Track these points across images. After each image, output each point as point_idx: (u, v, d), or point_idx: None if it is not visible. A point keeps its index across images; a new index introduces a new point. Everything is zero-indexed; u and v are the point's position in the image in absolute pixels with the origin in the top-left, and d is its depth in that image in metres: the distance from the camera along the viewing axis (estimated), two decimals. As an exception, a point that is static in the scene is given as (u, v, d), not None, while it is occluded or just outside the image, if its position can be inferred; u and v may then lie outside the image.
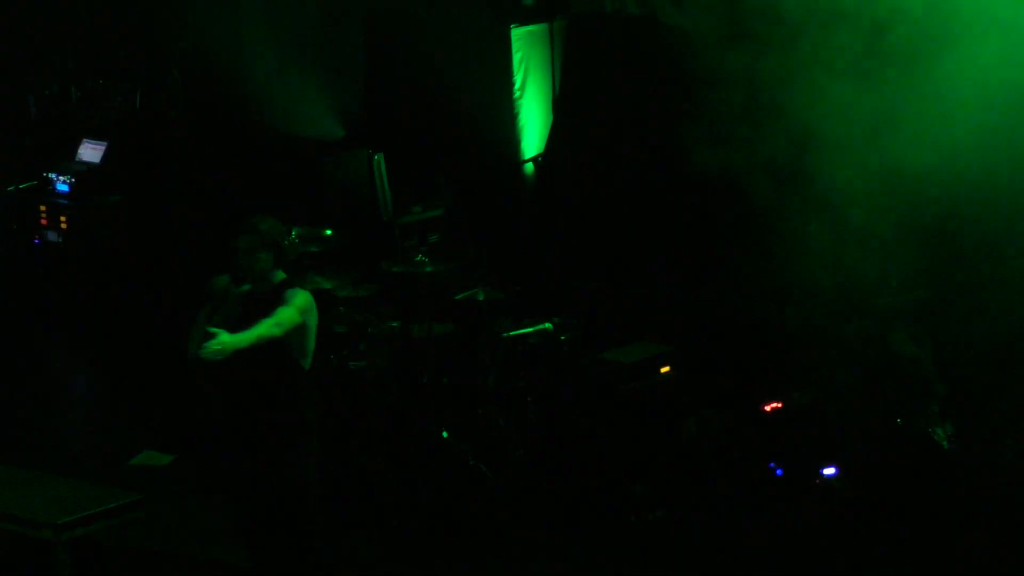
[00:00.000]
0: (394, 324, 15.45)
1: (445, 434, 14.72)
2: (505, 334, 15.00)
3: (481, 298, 15.13)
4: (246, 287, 12.01)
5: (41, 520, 12.95)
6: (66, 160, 18.84)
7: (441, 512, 14.29)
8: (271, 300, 11.72)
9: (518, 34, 17.91)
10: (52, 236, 18.31)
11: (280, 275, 12.01)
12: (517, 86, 17.94)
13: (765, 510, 13.69)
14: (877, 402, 14.49)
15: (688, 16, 16.16)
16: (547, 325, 15.17)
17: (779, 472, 13.87)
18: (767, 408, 14.28)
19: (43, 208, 18.63)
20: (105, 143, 18.85)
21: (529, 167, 18.13)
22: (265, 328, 11.50)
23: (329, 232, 16.36)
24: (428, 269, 15.31)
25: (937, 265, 14.97)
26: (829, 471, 13.75)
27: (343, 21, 19.34)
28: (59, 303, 18.49)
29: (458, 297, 15.31)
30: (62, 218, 18.55)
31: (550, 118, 17.97)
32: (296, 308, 11.68)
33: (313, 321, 11.96)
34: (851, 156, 14.72)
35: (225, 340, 11.26)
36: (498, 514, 14.18)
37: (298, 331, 11.78)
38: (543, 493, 14.32)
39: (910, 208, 14.65)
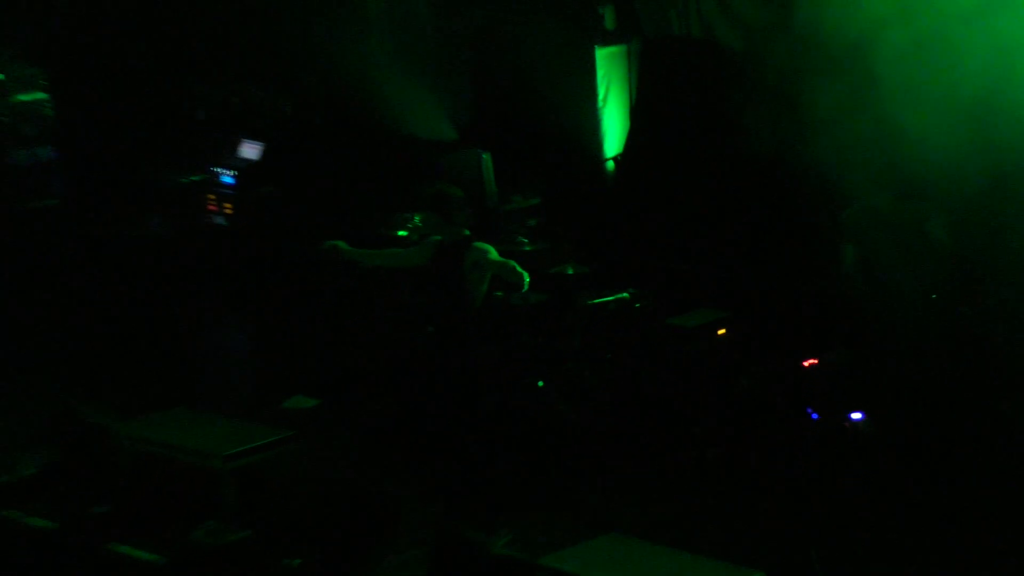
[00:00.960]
0: (498, 294, 15.52)
1: (540, 383, 15.53)
2: (589, 302, 15.81)
3: (570, 272, 16.16)
4: (437, 237, 14.11)
5: (211, 452, 13.98)
6: (230, 157, 19.39)
7: (535, 445, 15.34)
8: (460, 248, 13.81)
9: (602, 54, 18.24)
10: (218, 220, 19.02)
11: (466, 231, 13.94)
12: (601, 97, 18.22)
13: (803, 448, 14.71)
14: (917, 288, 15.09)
15: (741, 40, 16.75)
16: (624, 295, 15.96)
17: (815, 416, 14.83)
18: (805, 364, 14.98)
19: (211, 197, 19.21)
20: (262, 143, 19.53)
21: (610, 164, 18.43)
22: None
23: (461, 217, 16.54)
24: (527, 248, 16.50)
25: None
26: (856, 416, 14.68)
27: (455, 41, 19.41)
28: (224, 275, 19.07)
29: (551, 272, 16.13)
30: (227, 205, 19.28)
31: (627, 124, 18.30)
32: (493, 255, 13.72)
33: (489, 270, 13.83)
34: (873, 153, 15.05)
35: None
36: (579, 449, 15.22)
37: (480, 273, 13.71)
38: (619, 433, 15.34)
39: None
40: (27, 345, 18.31)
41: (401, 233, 16.76)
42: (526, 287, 13.94)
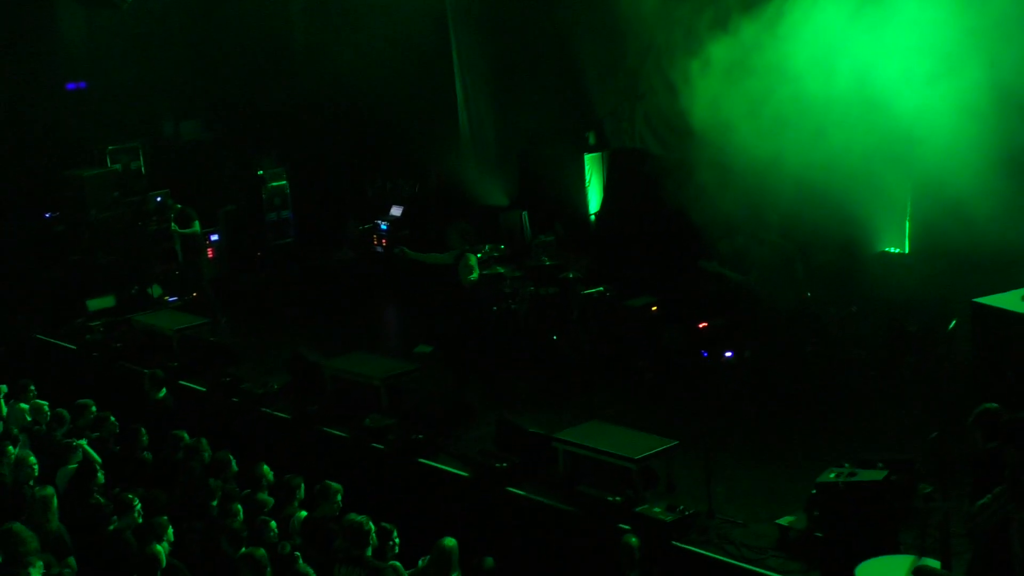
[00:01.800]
0: (531, 288, 15.78)
1: (555, 337, 15.32)
2: (582, 292, 15.49)
3: (571, 276, 15.71)
4: (456, 250, 14.43)
5: (374, 375, 14.17)
6: (385, 215, 18.89)
7: (548, 370, 15.03)
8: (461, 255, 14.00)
9: (588, 158, 17.73)
10: (379, 250, 18.53)
11: (466, 247, 14.29)
12: (587, 181, 17.74)
13: (698, 371, 14.51)
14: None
15: (661, 148, 16.51)
16: (601, 288, 15.53)
17: (704, 354, 14.59)
18: (700, 326, 14.75)
19: (375, 237, 18.78)
20: (403, 207, 19.05)
21: (593, 217, 18.00)
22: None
23: (503, 247, 16.74)
24: (547, 263, 16.05)
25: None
26: (728, 354, 14.38)
27: (508, 150, 19.02)
28: (382, 278, 18.37)
29: (559, 276, 15.79)
30: (383, 241, 18.70)
31: (602, 195, 17.86)
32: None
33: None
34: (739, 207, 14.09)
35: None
36: (574, 373, 14.84)
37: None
38: (596, 365, 14.95)
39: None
40: (276, 318, 18.16)
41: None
42: (475, 275, 14.10)
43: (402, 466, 12.96)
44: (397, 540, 9.66)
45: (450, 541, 9.39)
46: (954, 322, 11.60)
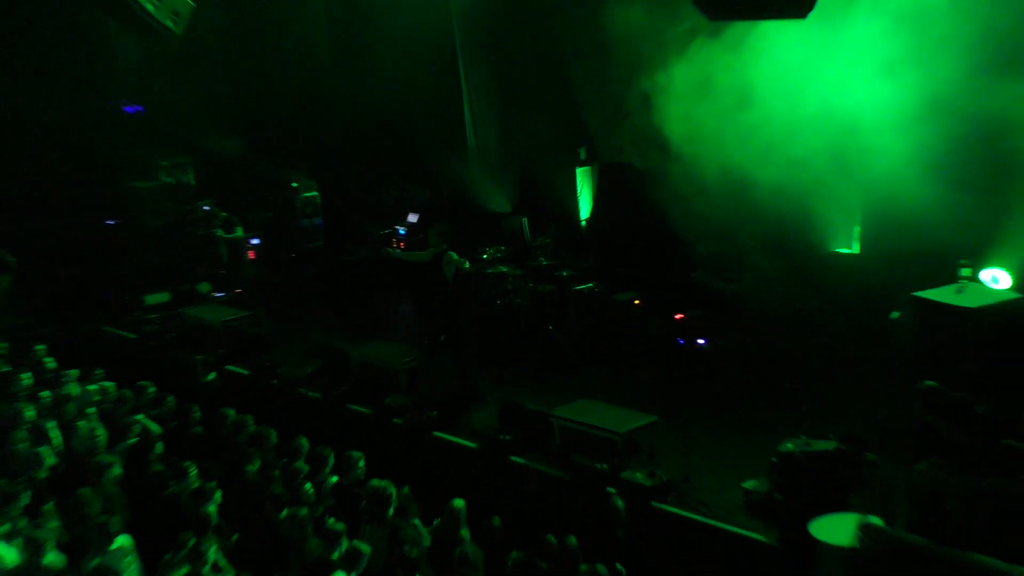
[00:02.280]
0: (530, 284, 15.66)
1: (552, 327, 15.23)
2: (574, 288, 15.44)
3: (565, 274, 15.68)
4: (435, 249, 14.06)
5: (392, 361, 14.22)
6: (402, 221, 18.77)
7: (545, 356, 15.07)
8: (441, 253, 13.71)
9: (580, 171, 17.71)
10: (397, 252, 16.96)
11: (444, 245, 13.87)
12: (579, 191, 17.65)
13: (675, 357, 14.46)
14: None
15: (641, 161, 15.88)
16: (591, 285, 15.53)
17: (680, 342, 14.47)
18: (677, 317, 14.58)
19: (394, 241, 18.22)
20: (419, 214, 18.90)
21: (583, 223, 17.80)
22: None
23: (505, 248, 16.72)
24: (544, 263, 16.01)
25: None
26: (701, 342, 14.34)
27: (511, 161, 18.64)
28: (400, 279, 17.77)
29: (555, 274, 15.72)
30: (401, 244, 18.28)
31: (591, 203, 17.74)
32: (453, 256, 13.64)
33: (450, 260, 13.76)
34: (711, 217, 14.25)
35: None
36: (568, 358, 14.95)
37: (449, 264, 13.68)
38: (586, 351, 15.06)
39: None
40: (307, 310, 18.13)
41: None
42: (458, 264, 13.93)
43: (418, 439, 13.05)
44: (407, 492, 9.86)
45: (459, 502, 9.52)
46: (897, 313, 11.73)
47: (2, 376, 13.52)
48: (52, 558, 8.98)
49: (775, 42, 12.95)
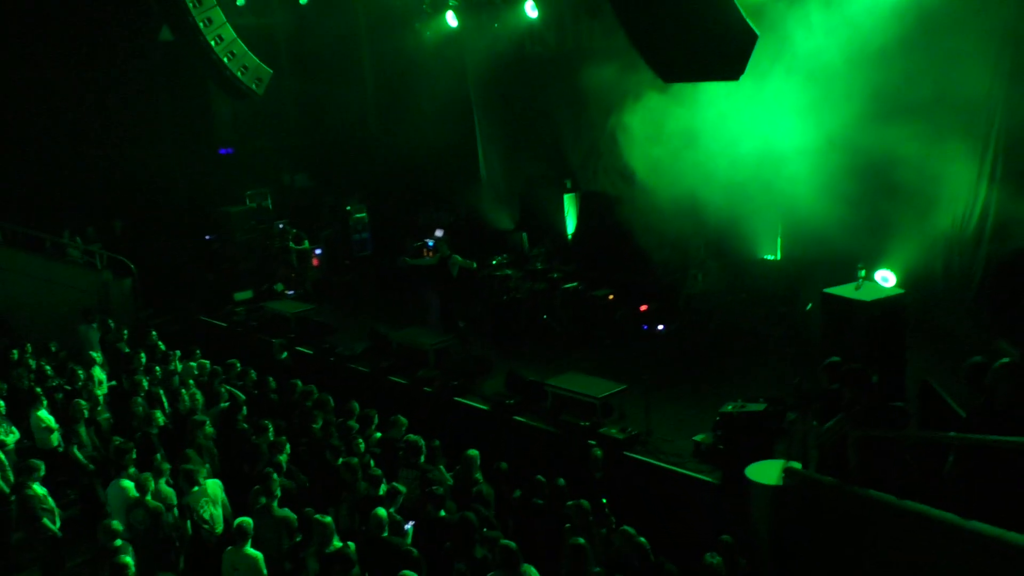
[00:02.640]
0: (528, 284, 15.40)
1: (545, 316, 15.02)
2: (563, 287, 15.10)
3: (556, 276, 15.36)
4: (441, 254, 14.21)
5: (424, 342, 14.01)
6: (431, 235, 18.34)
7: (541, 339, 14.77)
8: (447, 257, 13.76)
9: (566, 197, 17.09)
10: (429, 260, 16.00)
11: (447, 251, 13.99)
12: (566, 211, 17.22)
13: (643, 338, 14.29)
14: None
15: (615, 189, 16.12)
16: (576, 284, 15.15)
17: (644, 327, 14.40)
18: (642, 308, 14.59)
19: (426, 250, 17.65)
20: (444, 230, 18.56)
21: (570, 237, 17.28)
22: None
23: (507, 256, 16.63)
24: (539, 267, 15.83)
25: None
26: (661, 327, 14.26)
27: (513, 191, 18.60)
28: (430, 280, 16.11)
29: (548, 276, 15.44)
30: (431, 252, 17.18)
31: (576, 223, 17.35)
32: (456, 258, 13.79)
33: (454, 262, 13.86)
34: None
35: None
36: (558, 340, 14.68)
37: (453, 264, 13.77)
38: (573, 334, 14.72)
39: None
40: (358, 303, 17.87)
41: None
42: (464, 265, 14.14)
43: (443, 403, 12.94)
44: (437, 444, 9.76)
45: (473, 451, 9.47)
46: (810, 305, 11.59)
47: (125, 356, 13.64)
48: (166, 490, 9.18)
49: (715, 95, 12.95)
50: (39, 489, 9.46)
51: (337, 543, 7.77)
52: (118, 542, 8.16)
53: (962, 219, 11.81)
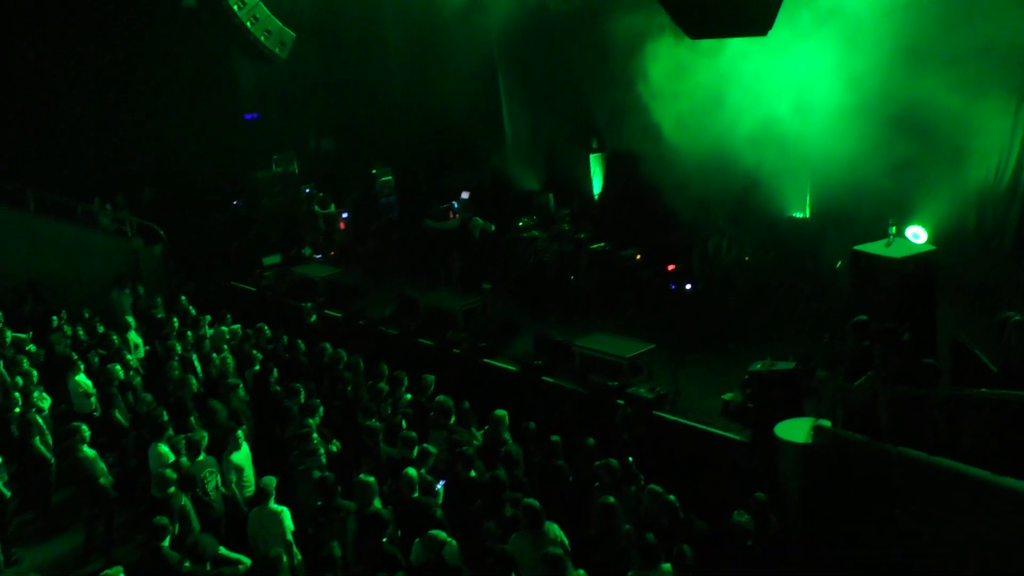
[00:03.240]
0: (555, 245, 15.18)
1: (572, 277, 14.81)
2: (590, 248, 14.98)
3: (582, 236, 15.24)
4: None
5: (453, 304, 13.90)
6: (457, 197, 18.04)
7: (568, 299, 14.54)
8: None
9: (592, 157, 17.11)
10: (453, 223, 17.11)
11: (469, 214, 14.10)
12: (592, 172, 17.05)
13: (667, 297, 14.02)
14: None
15: (640, 148, 15.83)
16: (603, 244, 15.07)
17: (672, 287, 14.19)
18: (670, 268, 14.34)
19: (451, 212, 17.47)
20: (469, 192, 18.34)
21: (596, 197, 17.20)
22: None
23: (536, 218, 16.45)
24: (566, 228, 15.60)
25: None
26: (688, 286, 13.96)
27: (538, 151, 18.30)
28: (455, 242, 16.52)
29: (575, 236, 15.27)
30: (455, 214, 17.43)
31: (603, 182, 17.16)
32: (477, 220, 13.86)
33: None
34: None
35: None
36: (584, 299, 14.48)
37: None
38: (598, 294, 14.53)
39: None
40: (385, 267, 17.67)
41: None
42: (484, 227, 14.40)
43: (471, 364, 12.96)
44: (467, 406, 9.84)
45: (500, 412, 9.52)
46: (839, 263, 11.52)
47: (158, 321, 13.80)
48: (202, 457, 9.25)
49: (743, 50, 12.73)
50: (88, 451, 9.64)
51: (377, 504, 7.84)
52: (171, 489, 8.30)
53: (996, 173, 11.61)
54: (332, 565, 7.03)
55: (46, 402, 11.34)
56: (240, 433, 9.36)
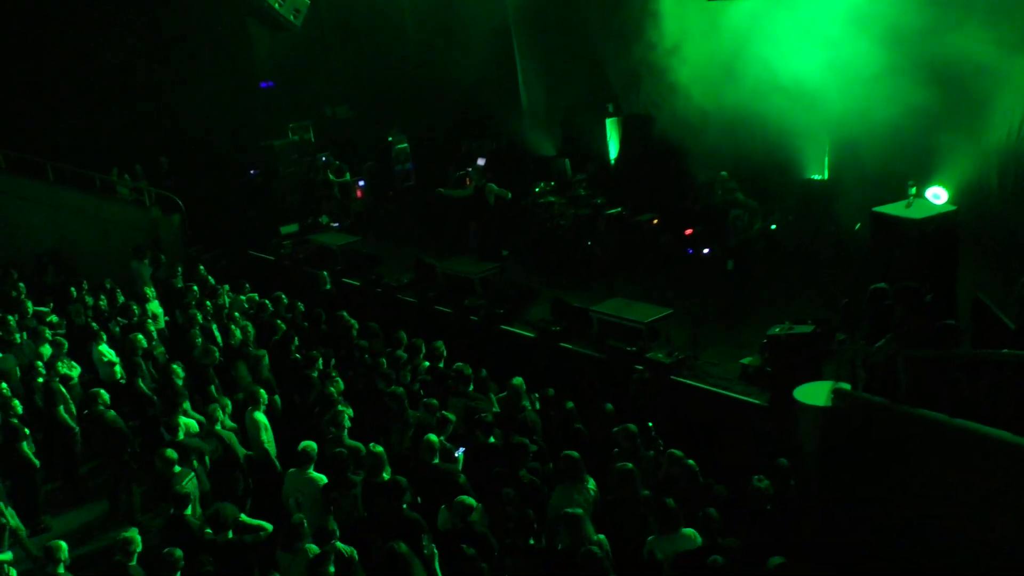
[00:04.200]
0: (572, 210, 14.93)
1: (589, 243, 14.56)
2: (607, 212, 14.85)
3: (599, 201, 15.03)
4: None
5: (469, 271, 13.98)
6: (473, 163, 17.77)
7: (585, 264, 14.47)
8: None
9: (608, 122, 16.85)
10: (466, 190, 16.01)
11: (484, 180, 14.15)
12: (608, 137, 16.89)
13: (684, 261, 13.69)
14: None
15: (656, 111, 15.88)
16: (620, 209, 14.93)
17: (690, 251, 13.71)
18: (687, 232, 13.96)
19: (468, 179, 16.34)
20: (485, 158, 18.12)
21: (612, 162, 17.04)
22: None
23: (553, 183, 16.24)
24: (583, 193, 15.33)
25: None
26: (706, 251, 13.45)
27: (554, 116, 18.18)
28: (472, 209, 15.84)
29: (591, 201, 15.04)
30: (470, 180, 16.29)
31: (619, 147, 16.96)
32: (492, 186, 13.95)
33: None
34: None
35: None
36: (599, 265, 14.40)
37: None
38: (615, 260, 14.47)
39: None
40: (403, 235, 17.73)
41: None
42: (499, 194, 14.39)
43: (489, 331, 12.96)
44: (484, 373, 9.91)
45: (517, 380, 9.53)
46: (859, 224, 11.50)
47: (178, 291, 13.86)
48: (229, 423, 9.47)
49: (763, 6, 12.65)
50: (110, 413, 9.79)
51: (386, 475, 7.86)
52: (176, 469, 8.35)
53: (1019, 131, 11.44)
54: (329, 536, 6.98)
55: (76, 371, 11.42)
56: (263, 393, 9.41)
